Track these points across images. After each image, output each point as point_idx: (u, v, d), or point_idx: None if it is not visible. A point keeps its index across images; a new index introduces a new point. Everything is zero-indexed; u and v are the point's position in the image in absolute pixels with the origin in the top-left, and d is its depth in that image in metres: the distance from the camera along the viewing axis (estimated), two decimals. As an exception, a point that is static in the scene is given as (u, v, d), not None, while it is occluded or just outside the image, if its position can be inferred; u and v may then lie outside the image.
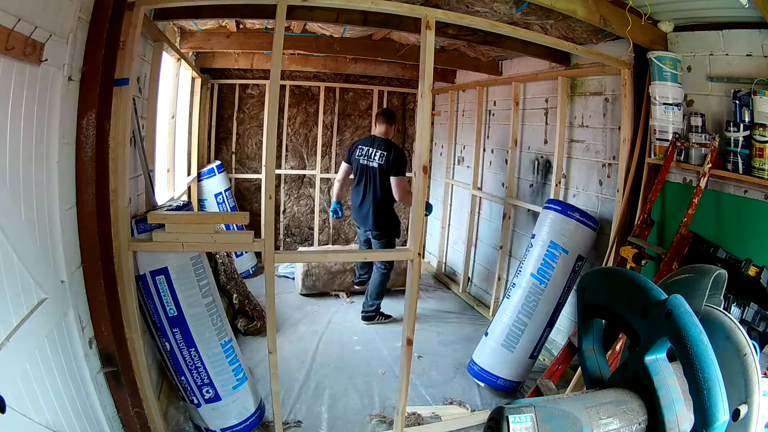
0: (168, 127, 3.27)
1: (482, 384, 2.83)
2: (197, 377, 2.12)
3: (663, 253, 2.19)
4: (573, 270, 2.73)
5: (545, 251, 2.77)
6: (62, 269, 1.52)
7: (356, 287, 4.05)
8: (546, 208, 2.90)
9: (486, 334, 2.93)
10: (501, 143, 3.98)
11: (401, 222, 3.88)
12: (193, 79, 4.04)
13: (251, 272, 4.54)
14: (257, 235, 2.03)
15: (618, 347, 1.97)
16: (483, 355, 2.86)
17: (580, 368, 2.14)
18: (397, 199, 3.41)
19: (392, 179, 3.35)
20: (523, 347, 2.75)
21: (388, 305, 3.81)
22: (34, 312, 1.32)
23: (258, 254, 4.57)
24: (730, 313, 1.19)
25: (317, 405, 2.56)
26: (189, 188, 3.96)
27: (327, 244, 5.20)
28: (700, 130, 2.22)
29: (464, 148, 4.62)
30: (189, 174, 4.11)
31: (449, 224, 4.88)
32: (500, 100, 4.02)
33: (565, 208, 2.79)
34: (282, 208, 5.13)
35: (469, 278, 4.40)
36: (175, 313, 2.04)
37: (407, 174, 3.50)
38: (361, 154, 3.50)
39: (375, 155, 3.44)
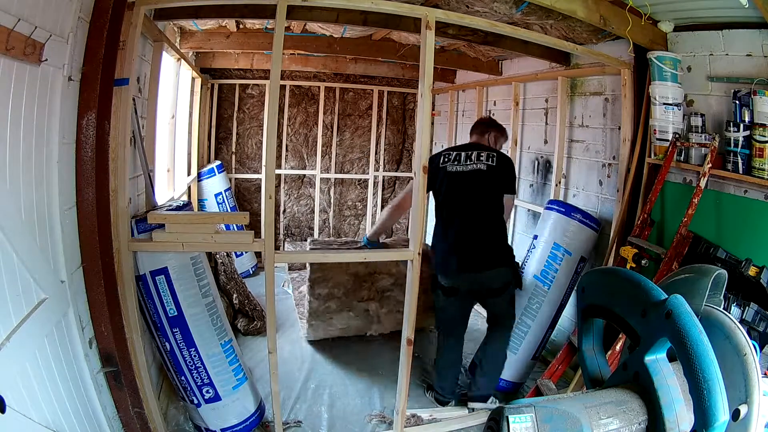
0: (168, 127, 3.26)
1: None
2: (197, 377, 2.12)
3: (663, 253, 2.19)
4: (575, 272, 2.72)
5: (548, 253, 2.76)
6: (62, 269, 1.52)
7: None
8: (548, 208, 2.90)
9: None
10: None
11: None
12: (193, 79, 4.03)
13: (251, 272, 4.54)
14: (257, 235, 2.02)
15: (618, 347, 1.97)
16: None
17: (580, 368, 2.14)
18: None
19: (506, 197, 2.38)
20: (526, 349, 2.76)
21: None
22: (34, 312, 1.31)
23: (258, 254, 4.56)
24: (730, 313, 1.18)
25: (317, 405, 2.56)
26: (189, 188, 3.95)
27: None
28: (700, 130, 2.22)
29: (464, 148, 4.62)
30: (189, 174, 4.10)
31: (449, 224, 4.88)
32: (500, 100, 4.01)
33: (568, 209, 2.77)
34: (282, 208, 5.13)
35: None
36: (175, 313, 2.04)
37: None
38: (450, 160, 2.38)
39: (479, 157, 2.37)
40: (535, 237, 2.89)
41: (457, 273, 2.33)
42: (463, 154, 2.38)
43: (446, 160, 2.40)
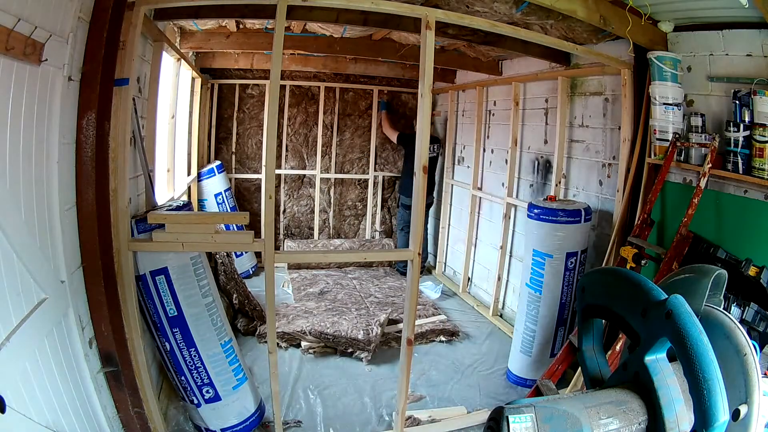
0: (168, 127, 3.26)
1: (519, 388, 2.85)
2: (197, 377, 2.12)
3: (663, 253, 2.19)
4: (566, 268, 2.71)
5: (531, 260, 2.80)
6: (62, 269, 1.52)
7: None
8: (527, 215, 2.89)
9: (512, 343, 3.02)
10: (501, 143, 3.98)
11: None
12: (193, 79, 4.03)
13: (251, 272, 4.54)
14: (257, 235, 2.02)
15: (618, 347, 1.97)
16: (513, 363, 2.96)
17: (580, 368, 2.14)
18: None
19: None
20: (539, 350, 2.80)
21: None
22: (34, 312, 1.31)
23: (258, 254, 4.56)
24: (730, 313, 1.19)
25: (317, 405, 2.56)
26: (189, 188, 3.95)
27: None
28: (700, 130, 2.22)
29: (464, 148, 4.62)
30: (189, 174, 4.10)
31: (449, 224, 4.88)
32: (500, 100, 4.01)
33: (538, 214, 2.74)
34: (282, 208, 5.12)
35: (469, 278, 4.40)
36: (175, 313, 2.04)
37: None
38: (431, 150, 4.52)
39: (434, 149, 4.59)
40: (525, 244, 2.93)
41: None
42: (434, 146, 4.56)
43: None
